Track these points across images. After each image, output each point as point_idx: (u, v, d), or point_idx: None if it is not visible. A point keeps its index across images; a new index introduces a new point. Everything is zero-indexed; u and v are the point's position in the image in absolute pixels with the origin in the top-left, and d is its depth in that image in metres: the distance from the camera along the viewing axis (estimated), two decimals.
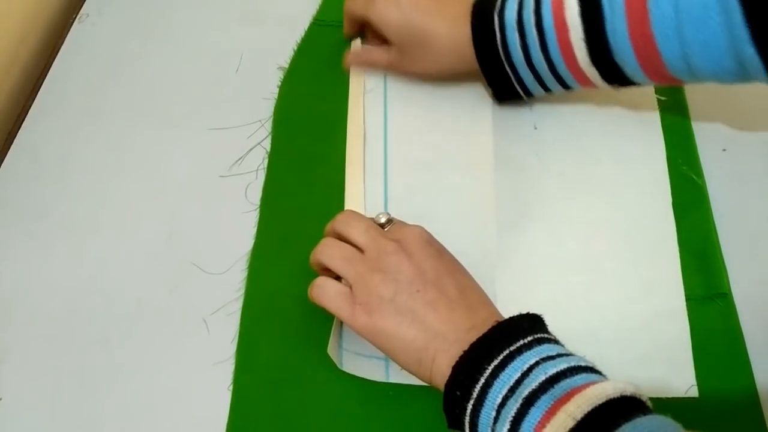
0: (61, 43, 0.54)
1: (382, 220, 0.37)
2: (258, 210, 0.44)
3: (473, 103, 0.47)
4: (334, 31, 0.51)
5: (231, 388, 0.38)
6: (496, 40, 0.40)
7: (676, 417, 0.36)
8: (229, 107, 0.49)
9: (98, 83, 0.51)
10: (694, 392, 0.36)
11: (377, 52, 0.46)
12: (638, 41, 0.36)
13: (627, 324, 0.38)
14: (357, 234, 0.36)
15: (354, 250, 0.36)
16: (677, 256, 0.40)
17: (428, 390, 0.36)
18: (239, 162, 0.46)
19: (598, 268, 0.40)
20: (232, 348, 0.39)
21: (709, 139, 0.45)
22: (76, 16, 0.55)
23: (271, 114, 0.48)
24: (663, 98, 0.47)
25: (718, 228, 0.41)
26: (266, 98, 0.49)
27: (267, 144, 0.47)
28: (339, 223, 0.37)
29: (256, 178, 0.45)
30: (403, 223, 0.38)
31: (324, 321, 0.39)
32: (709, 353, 0.37)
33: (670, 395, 0.36)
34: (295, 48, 0.51)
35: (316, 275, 0.41)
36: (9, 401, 0.39)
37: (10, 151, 0.49)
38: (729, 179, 0.44)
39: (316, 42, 0.51)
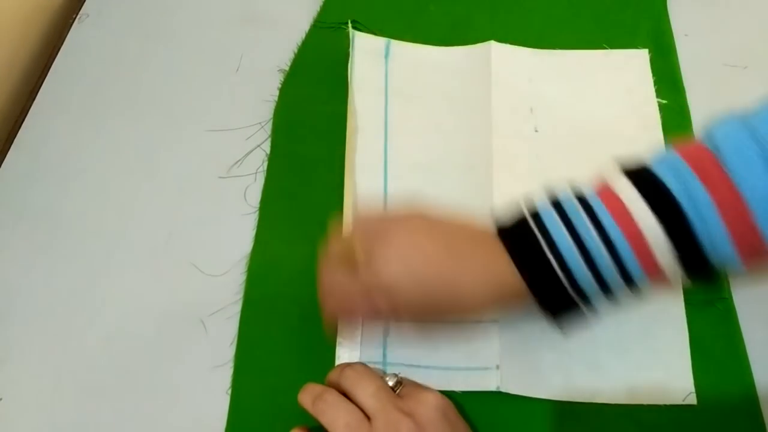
0: (61, 43, 0.54)
1: (391, 383, 0.34)
2: (257, 212, 0.44)
3: (474, 104, 0.47)
4: (334, 34, 0.51)
5: (229, 391, 0.38)
6: (560, 280, 0.32)
7: (675, 423, 0.36)
8: (229, 108, 0.49)
9: (98, 83, 0.51)
10: (692, 399, 0.36)
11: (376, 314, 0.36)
12: (742, 241, 0.31)
13: (626, 330, 0.38)
14: (365, 397, 0.33)
15: (361, 416, 0.32)
16: None
17: None
18: (239, 164, 0.46)
19: None
20: (230, 351, 0.39)
21: None
22: (76, 16, 0.55)
23: (271, 116, 0.48)
24: (664, 101, 0.47)
25: None
26: (266, 100, 0.49)
27: (266, 146, 0.47)
28: (347, 379, 0.34)
29: (255, 180, 0.45)
30: (416, 387, 0.34)
31: (322, 325, 0.40)
32: (709, 358, 0.37)
33: (668, 402, 0.36)
34: (296, 50, 0.51)
35: (315, 276, 0.41)
36: (9, 401, 0.39)
37: (10, 151, 0.49)
38: None
39: (316, 44, 0.51)
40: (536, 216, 0.33)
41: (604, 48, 0.50)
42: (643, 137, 0.45)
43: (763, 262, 0.32)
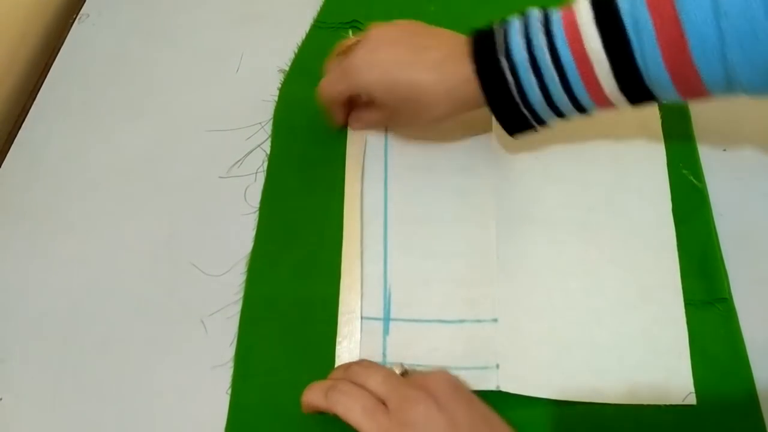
0: (61, 43, 0.54)
1: (398, 371, 0.35)
2: (257, 212, 0.44)
3: None
4: (335, 34, 0.51)
5: (229, 391, 0.38)
6: (508, 84, 0.37)
7: (675, 423, 0.36)
8: (229, 109, 0.49)
9: (98, 83, 0.51)
10: (691, 400, 0.36)
11: (370, 115, 0.44)
12: (675, 68, 0.33)
13: (625, 330, 0.38)
14: (376, 384, 0.33)
15: (376, 400, 0.32)
16: (677, 263, 0.40)
17: None
18: (239, 164, 0.46)
19: (596, 273, 0.40)
20: (230, 351, 0.39)
21: (709, 139, 0.45)
22: (76, 16, 0.55)
23: (271, 116, 0.48)
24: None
25: (718, 228, 0.41)
26: (266, 100, 0.49)
27: (266, 146, 0.47)
28: (354, 373, 0.34)
29: (255, 180, 0.45)
30: (423, 372, 0.35)
31: (323, 325, 0.39)
32: (709, 358, 0.37)
33: (668, 402, 0.36)
34: (296, 50, 0.51)
35: (315, 276, 0.41)
36: (9, 401, 0.39)
37: (10, 151, 0.49)
38: (729, 179, 0.43)
39: (316, 44, 0.51)
40: (505, 33, 0.37)
41: None
42: (643, 137, 0.45)
43: (696, 90, 0.34)
